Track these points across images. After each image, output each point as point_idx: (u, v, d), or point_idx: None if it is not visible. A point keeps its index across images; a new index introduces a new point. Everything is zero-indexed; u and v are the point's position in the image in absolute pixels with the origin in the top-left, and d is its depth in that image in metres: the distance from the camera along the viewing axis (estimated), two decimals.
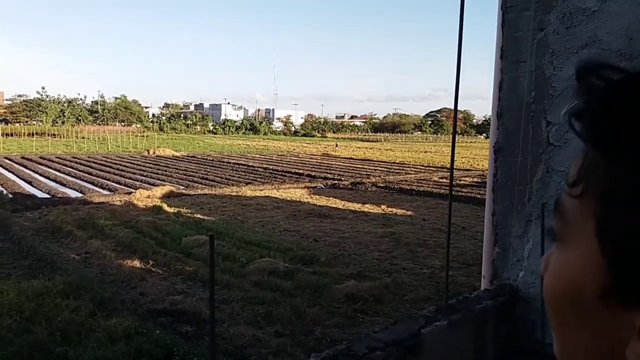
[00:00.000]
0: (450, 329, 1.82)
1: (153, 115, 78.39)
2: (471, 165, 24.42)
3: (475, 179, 18.72)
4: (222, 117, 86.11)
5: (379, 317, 6.56)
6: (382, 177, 20.62)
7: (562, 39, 2.10)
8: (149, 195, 14.40)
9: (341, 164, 26.72)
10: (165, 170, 21.37)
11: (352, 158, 30.96)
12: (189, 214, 12.52)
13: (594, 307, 0.36)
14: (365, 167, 24.98)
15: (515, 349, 2.18)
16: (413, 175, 21.09)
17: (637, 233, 0.33)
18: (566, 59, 2.10)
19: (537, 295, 2.12)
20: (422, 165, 25.84)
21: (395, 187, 17.64)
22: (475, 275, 7.35)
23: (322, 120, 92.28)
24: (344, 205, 14.46)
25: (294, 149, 39.01)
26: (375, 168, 24.39)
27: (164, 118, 75.08)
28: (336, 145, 43.45)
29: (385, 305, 7.09)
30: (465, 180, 18.77)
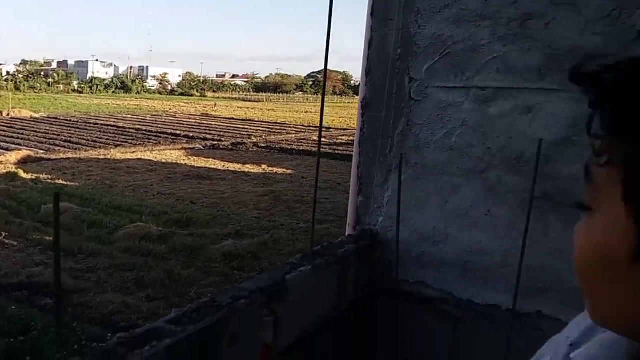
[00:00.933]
0: (315, 273, 1.90)
1: (8, 73, 69.04)
2: (348, 124, 25.36)
3: (352, 138, 19.49)
4: (89, 75, 78.59)
5: (256, 272, 6.68)
6: (264, 137, 20.60)
7: None
8: (1, 161, 12.88)
9: (222, 124, 26.12)
10: (22, 134, 19.22)
11: (233, 118, 30.39)
12: (49, 180, 11.45)
13: (625, 269, 0.38)
14: (247, 127, 24.73)
15: (374, 288, 2.34)
16: (294, 135, 21.36)
17: None
18: (429, 18, 2.21)
19: (393, 238, 2.29)
20: (302, 125, 26.23)
21: (277, 147, 17.77)
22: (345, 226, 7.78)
23: (202, 79, 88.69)
24: (224, 166, 14.25)
25: (171, 109, 37.19)
26: (257, 128, 24.26)
27: (20, 76, 66.48)
28: (215, 105, 42.18)
29: (263, 261, 7.22)
30: (342, 139, 19.48)
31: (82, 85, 66.27)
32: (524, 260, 1.96)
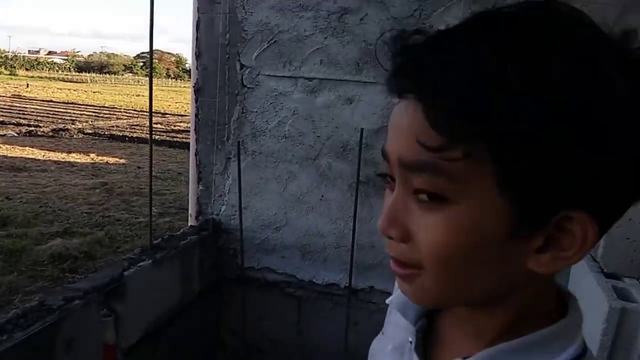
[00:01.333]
0: (155, 267, 1.87)
1: None
2: (186, 110, 24.43)
3: (187, 124, 18.89)
4: None
5: (92, 273, 6.18)
6: (90, 122, 18.82)
7: None
8: None
9: (39, 107, 23.17)
10: None
11: (52, 101, 27.12)
12: None
13: (500, 247, 0.39)
14: (70, 111, 22.32)
15: (219, 277, 2.38)
16: (125, 121, 19.88)
17: (536, 180, 0.36)
18: (255, 4, 2.26)
19: (236, 226, 2.35)
20: (134, 110, 24.54)
21: (106, 133, 16.37)
22: (187, 218, 7.60)
23: (11, 54, 77.30)
24: (44, 155, 12.72)
25: None
26: (82, 112, 22.04)
27: None
28: (27, 86, 37.18)
29: (98, 261, 6.69)
30: (180, 126, 18.70)
31: None
32: (355, 240, 2.16)
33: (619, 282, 1.21)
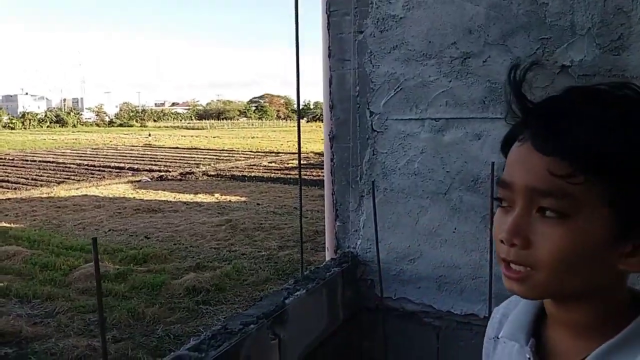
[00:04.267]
0: (308, 296, 2.10)
1: None
2: (296, 148, 25.56)
3: (303, 162, 19.69)
4: (20, 109, 74.94)
5: (223, 305, 6.66)
6: (212, 165, 20.46)
7: (378, 41, 2.49)
8: None
9: (167, 154, 25.69)
10: None
11: (178, 147, 29.92)
12: None
13: (602, 252, 0.54)
14: (194, 155, 24.46)
15: (360, 306, 2.56)
16: (243, 162, 21.32)
17: (632, 198, 0.51)
18: (382, 58, 2.49)
19: (372, 258, 2.53)
20: (250, 151, 26.22)
21: (227, 174, 17.69)
22: (308, 251, 7.92)
23: (140, 108, 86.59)
24: (174, 197, 14.04)
25: (111, 141, 36.10)
26: (204, 156, 24.04)
27: None
28: (149, 135, 41.17)
29: (228, 293, 7.19)
30: (292, 163, 19.63)
31: (14, 121, 62.99)
32: (493, 271, 2.24)
33: None
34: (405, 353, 2.53)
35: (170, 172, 18.82)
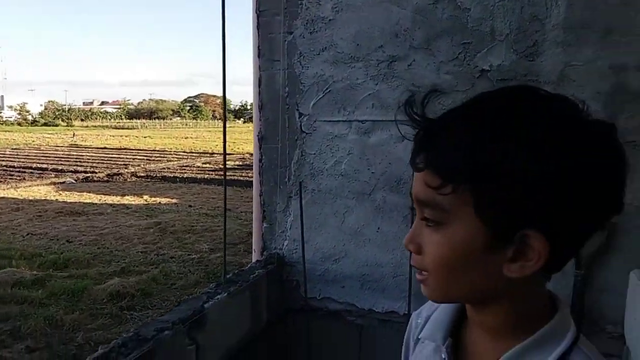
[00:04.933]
0: (230, 299, 2.08)
1: None
2: (232, 149, 25.24)
3: (237, 162, 19.47)
4: None
5: (149, 310, 6.43)
6: (142, 165, 19.75)
7: (307, 42, 2.51)
8: None
9: (94, 154, 24.52)
10: None
11: (106, 147, 28.64)
12: None
13: (479, 257, 0.57)
14: (122, 156, 23.51)
15: (285, 307, 2.56)
16: (175, 162, 20.74)
17: (501, 209, 0.53)
18: (311, 60, 2.52)
19: (299, 259, 2.55)
20: (184, 152, 25.57)
21: (157, 175, 17.14)
22: (241, 253, 7.83)
23: (67, 107, 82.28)
24: (100, 199, 13.43)
25: (34, 141, 34.00)
26: (134, 157, 23.17)
27: None
28: (74, 135, 39.27)
29: (154, 298, 6.96)
30: (227, 164, 19.29)
31: None
32: (412, 269, 2.31)
33: None
34: (329, 352, 2.56)
35: (96, 173, 18.00)
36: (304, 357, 2.56)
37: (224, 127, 2.35)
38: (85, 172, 18.14)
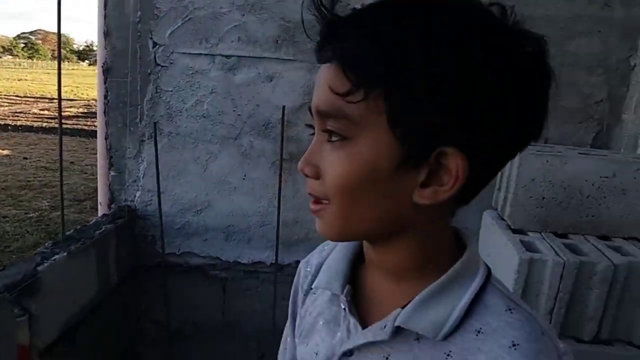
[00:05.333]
0: (70, 259, 1.79)
1: None
2: (75, 94, 22.90)
3: (81, 110, 17.74)
4: None
5: (1, 270, 5.67)
6: None
7: None
8: None
9: None
10: None
11: None
12: None
13: (388, 179, 0.48)
14: None
15: (138, 264, 2.33)
16: (7, 108, 18.23)
17: (418, 119, 0.45)
18: None
19: (154, 211, 2.30)
20: (17, 96, 22.52)
21: None
22: (88, 210, 7.18)
23: None
24: None
25: None
26: None
27: None
28: None
29: None
30: (70, 112, 17.51)
31: None
32: (281, 217, 2.21)
33: (525, 237, 1.37)
34: (190, 309, 2.40)
35: None
36: (161, 315, 2.37)
37: (59, 58, 1.95)
38: None
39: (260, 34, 2.21)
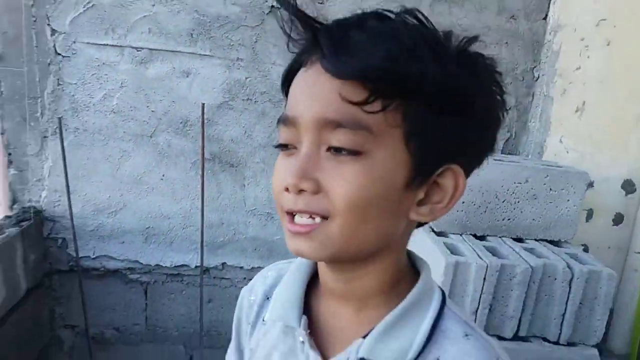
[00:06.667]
0: None
1: None
2: None
3: None
4: None
5: None
6: None
7: None
8: None
9: None
10: None
11: None
12: None
13: (398, 196, 0.46)
14: None
15: (50, 270, 2.09)
16: None
17: (435, 135, 0.44)
18: None
19: (64, 212, 2.06)
20: None
21: None
22: None
23: None
24: None
25: None
26: None
27: None
28: None
29: None
30: None
31: None
32: (205, 218, 2.09)
33: (447, 239, 1.43)
34: (109, 313, 2.21)
35: None
36: (79, 321, 2.16)
37: None
38: None
39: (173, 27, 2.03)
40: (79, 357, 2.23)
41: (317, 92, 0.44)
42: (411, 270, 0.54)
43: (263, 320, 0.61)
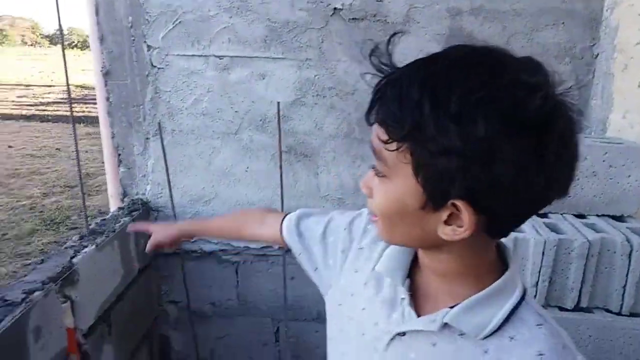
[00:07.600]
0: (99, 252, 1.81)
1: None
2: (52, 80, 21.83)
3: (60, 96, 16.98)
4: None
5: (39, 264, 5.52)
6: None
7: None
8: None
9: None
10: None
11: None
12: None
13: (416, 214, 0.55)
14: None
15: (156, 254, 2.35)
16: None
17: (432, 173, 0.51)
18: None
19: (165, 203, 2.31)
20: None
21: None
22: (79, 196, 7.01)
23: None
24: None
25: None
26: None
27: None
28: None
29: None
30: (49, 98, 16.72)
31: None
32: (284, 205, 2.26)
33: None
34: (206, 290, 2.45)
35: None
36: (182, 297, 2.42)
37: (63, 52, 1.88)
38: None
39: (249, 35, 2.19)
40: (182, 328, 2.49)
41: (375, 127, 0.56)
42: (500, 263, 0.61)
43: (361, 248, 0.75)
